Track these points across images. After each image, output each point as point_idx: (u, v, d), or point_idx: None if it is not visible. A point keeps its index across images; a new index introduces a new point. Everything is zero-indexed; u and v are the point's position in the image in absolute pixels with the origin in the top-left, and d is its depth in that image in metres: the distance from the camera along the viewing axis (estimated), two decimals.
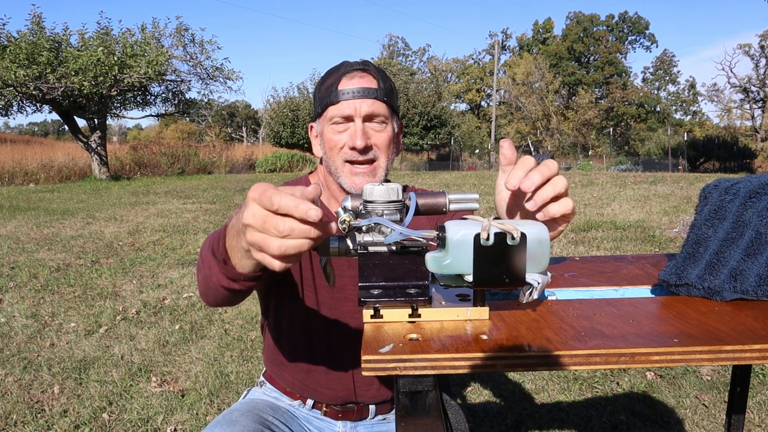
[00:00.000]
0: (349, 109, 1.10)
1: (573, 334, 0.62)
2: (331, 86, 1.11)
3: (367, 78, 1.11)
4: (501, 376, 2.69)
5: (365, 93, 1.09)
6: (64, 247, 5.89)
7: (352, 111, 1.10)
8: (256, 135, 45.84)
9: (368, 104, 1.10)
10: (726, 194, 0.78)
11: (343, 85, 1.10)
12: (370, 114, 1.10)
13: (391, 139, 1.14)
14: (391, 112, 1.14)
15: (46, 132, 60.71)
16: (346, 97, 1.09)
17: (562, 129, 36.69)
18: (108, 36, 15.28)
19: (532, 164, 0.70)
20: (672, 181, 11.57)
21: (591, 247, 5.48)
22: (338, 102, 1.10)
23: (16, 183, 15.27)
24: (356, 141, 1.09)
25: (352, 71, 1.11)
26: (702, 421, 2.27)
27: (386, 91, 1.12)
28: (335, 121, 1.11)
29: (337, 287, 1.19)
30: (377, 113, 1.11)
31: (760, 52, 35.63)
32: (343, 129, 1.12)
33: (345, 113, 1.10)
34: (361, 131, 1.10)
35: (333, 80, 1.11)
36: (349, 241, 0.72)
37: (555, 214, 0.69)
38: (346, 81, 1.10)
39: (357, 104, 1.09)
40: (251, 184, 10.21)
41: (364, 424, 1.29)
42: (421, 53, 48.52)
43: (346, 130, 1.11)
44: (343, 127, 1.12)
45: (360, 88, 1.09)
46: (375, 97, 1.10)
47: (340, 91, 1.10)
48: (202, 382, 2.69)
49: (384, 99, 1.11)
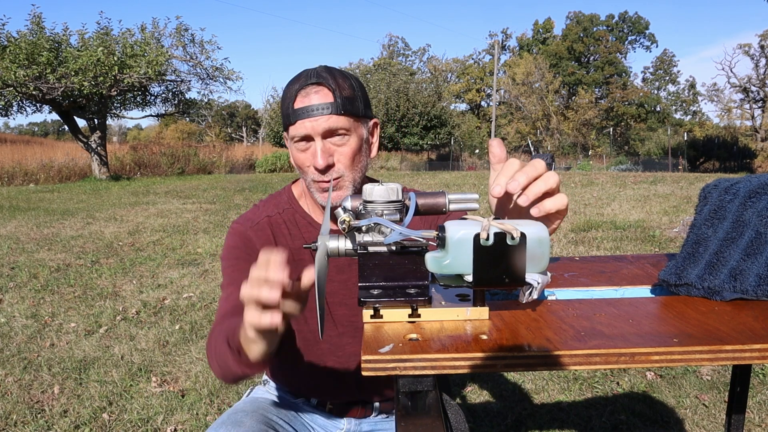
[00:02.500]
0: (305, 129, 1.06)
1: (573, 334, 0.62)
2: (288, 105, 1.08)
3: (323, 92, 1.06)
4: (501, 376, 2.69)
5: (321, 109, 1.05)
6: (64, 247, 5.89)
7: (309, 131, 1.06)
8: (256, 135, 45.83)
9: (324, 120, 1.05)
10: (726, 194, 0.78)
11: (299, 104, 1.06)
12: (327, 130, 1.06)
13: (355, 151, 1.10)
14: (353, 122, 1.09)
15: (46, 132, 60.72)
16: (303, 116, 1.06)
17: (562, 129, 36.69)
18: (108, 36, 15.27)
19: (516, 167, 0.70)
20: (672, 181, 11.57)
21: (591, 247, 5.48)
22: (295, 122, 1.07)
23: (16, 183, 15.27)
24: (317, 161, 1.07)
25: (306, 86, 1.06)
26: (702, 421, 2.27)
27: (345, 103, 1.06)
28: (296, 140, 1.09)
29: (329, 293, 1.19)
30: (336, 128, 1.06)
31: (760, 52, 35.63)
32: (305, 147, 1.09)
33: (302, 134, 1.07)
34: (321, 151, 1.07)
35: (289, 99, 1.08)
36: (348, 241, 0.72)
37: (550, 209, 0.70)
38: (300, 99, 1.06)
39: (314, 123, 1.05)
40: (251, 184, 10.16)
41: (368, 422, 1.30)
42: (421, 53, 48.54)
43: (308, 149, 1.09)
44: (305, 145, 1.09)
45: (316, 105, 1.05)
46: (331, 112, 1.05)
47: (296, 110, 1.06)
48: (202, 382, 2.69)
49: (341, 112, 1.06)
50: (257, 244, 1.17)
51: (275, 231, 1.18)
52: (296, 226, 1.19)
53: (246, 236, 1.18)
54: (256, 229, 1.18)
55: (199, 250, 5.63)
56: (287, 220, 1.20)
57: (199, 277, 4.64)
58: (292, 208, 1.21)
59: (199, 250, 5.67)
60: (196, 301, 3.96)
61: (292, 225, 1.20)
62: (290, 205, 1.21)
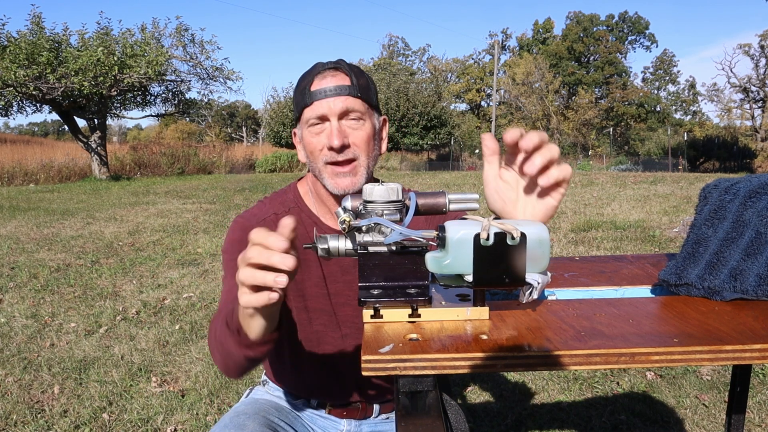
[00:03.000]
0: (322, 109, 1.07)
1: (573, 334, 0.62)
2: (304, 89, 1.09)
3: (339, 76, 1.09)
4: (501, 376, 2.69)
5: (338, 90, 1.07)
6: (64, 247, 5.89)
7: (326, 110, 1.07)
8: (256, 135, 45.85)
9: (341, 101, 1.07)
10: (726, 194, 0.78)
11: (316, 86, 1.08)
12: (344, 111, 1.08)
13: (370, 136, 1.11)
14: (368, 109, 1.11)
15: (46, 132, 60.71)
16: (319, 97, 1.07)
17: (562, 129, 36.69)
18: (108, 36, 15.28)
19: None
20: (672, 181, 11.58)
21: (591, 247, 5.48)
22: (312, 103, 1.08)
23: (16, 183, 15.27)
24: (333, 140, 1.06)
25: (323, 71, 1.09)
26: (702, 421, 2.27)
27: (361, 88, 1.09)
28: (312, 123, 1.09)
29: (333, 293, 1.18)
30: (352, 109, 1.08)
31: (760, 52, 35.63)
32: (320, 130, 1.09)
33: (319, 113, 1.08)
34: (337, 130, 1.07)
35: (306, 83, 1.09)
36: (348, 240, 0.72)
37: (558, 177, 0.71)
38: (318, 81, 1.08)
39: (330, 102, 1.07)
40: (251, 184, 10.14)
41: (368, 423, 1.30)
42: (421, 53, 48.54)
43: (323, 131, 1.09)
44: (320, 128, 1.09)
45: (332, 87, 1.07)
46: (348, 93, 1.07)
47: (312, 92, 1.08)
48: (202, 382, 2.69)
49: (358, 95, 1.08)
50: None
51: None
52: (302, 225, 1.18)
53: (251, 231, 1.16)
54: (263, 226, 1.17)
55: (199, 250, 5.63)
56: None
57: (199, 277, 4.64)
58: (298, 207, 1.20)
59: (199, 250, 5.67)
60: (196, 301, 3.96)
61: (298, 224, 1.19)
62: (296, 204, 1.20)
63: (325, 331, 1.20)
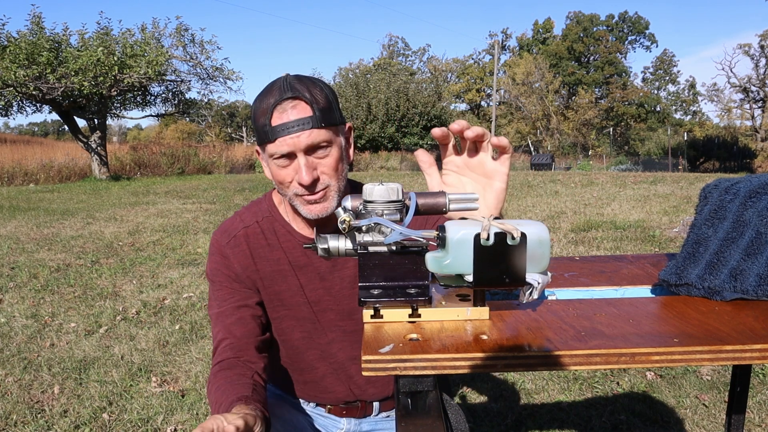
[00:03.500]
0: (287, 147, 1.02)
1: (573, 334, 0.62)
2: (264, 123, 1.03)
3: (300, 106, 1.02)
4: (501, 376, 2.69)
5: (301, 125, 1.01)
6: (64, 247, 5.89)
7: (291, 148, 1.02)
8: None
9: (306, 136, 1.02)
10: (726, 194, 0.78)
11: (276, 121, 1.02)
12: (310, 146, 1.03)
13: (338, 159, 1.07)
14: (332, 133, 1.06)
15: (46, 132, 60.70)
16: (282, 134, 1.01)
17: (562, 129, 36.69)
18: (108, 36, 15.27)
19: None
20: (672, 181, 11.58)
21: (591, 247, 5.48)
22: (275, 140, 1.02)
23: (16, 183, 15.27)
24: (302, 178, 1.03)
25: (283, 101, 1.02)
26: (702, 421, 2.27)
27: (323, 114, 1.03)
28: (276, 157, 1.05)
29: (313, 300, 1.19)
30: (317, 142, 1.03)
31: (760, 52, 35.63)
32: (287, 164, 1.05)
33: (284, 151, 1.03)
34: (305, 167, 1.03)
35: (265, 116, 1.03)
36: (348, 240, 0.72)
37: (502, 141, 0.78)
38: (278, 116, 1.02)
39: (295, 140, 1.02)
40: (251, 184, 10.13)
41: (368, 421, 1.30)
42: (421, 53, 48.54)
43: (290, 165, 1.05)
44: (286, 162, 1.05)
45: (294, 121, 1.01)
46: (312, 126, 1.02)
47: (274, 128, 1.02)
48: (202, 382, 2.69)
49: (322, 125, 1.03)
50: (235, 263, 1.16)
51: (252, 243, 1.17)
52: (275, 235, 1.18)
53: (224, 255, 1.17)
54: (233, 245, 1.17)
55: (199, 250, 5.63)
56: (266, 229, 1.18)
57: (199, 277, 4.64)
58: (271, 216, 1.19)
59: (199, 250, 5.67)
60: (196, 301, 3.96)
61: (271, 234, 1.18)
62: (270, 213, 1.19)
63: (310, 338, 1.21)
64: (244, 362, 1.10)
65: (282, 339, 1.22)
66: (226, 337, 1.12)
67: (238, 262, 1.16)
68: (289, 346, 1.22)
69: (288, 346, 1.22)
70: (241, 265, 1.16)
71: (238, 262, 1.16)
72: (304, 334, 1.21)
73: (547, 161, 21.52)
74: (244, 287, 1.17)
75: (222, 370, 1.07)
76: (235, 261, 1.16)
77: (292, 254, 1.16)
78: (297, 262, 1.17)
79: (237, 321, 1.14)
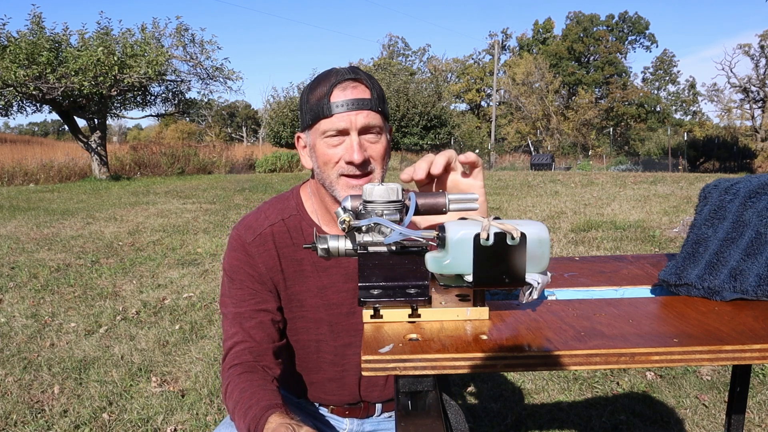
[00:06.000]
0: (344, 123, 1.04)
1: (573, 334, 0.62)
2: (322, 98, 1.05)
3: (360, 88, 1.06)
4: (501, 376, 2.69)
5: (360, 105, 1.04)
6: (64, 247, 5.89)
7: (347, 124, 1.04)
8: (256, 135, 45.82)
9: (363, 116, 1.04)
10: (726, 194, 0.78)
11: (336, 97, 1.04)
12: (365, 126, 1.05)
13: (386, 149, 1.10)
14: (384, 121, 1.10)
15: (46, 132, 60.68)
16: (340, 110, 1.03)
17: (562, 129, 36.68)
18: (108, 36, 15.26)
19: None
20: (672, 181, 11.57)
21: (591, 247, 5.48)
22: (332, 115, 1.04)
23: (16, 183, 15.26)
24: (353, 156, 1.04)
25: (343, 81, 1.05)
26: (702, 421, 2.27)
27: (379, 101, 1.07)
28: (329, 135, 1.06)
29: (335, 303, 1.17)
30: (373, 125, 1.06)
31: (760, 52, 35.62)
32: (338, 142, 1.06)
33: (340, 127, 1.04)
34: (358, 145, 1.05)
35: (324, 91, 1.05)
36: (348, 241, 0.72)
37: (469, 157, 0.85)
38: (338, 92, 1.04)
39: (352, 117, 1.04)
40: (251, 184, 10.14)
41: (371, 422, 1.30)
42: (421, 53, 48.53)
43: (341, 144, 1.06)
44: (338, 140, 1.06)
45: (354, 100, 1.04)
46: (370, 108, 1.05)
47: (333, 103, 1.04)
48: (202, 382, 2.69)
49: (378, 109, 1.06)
50: (260, 263, 1.14)
51: (278, 243, 1.15)
52: (301, 234, 1.16)
53: (248, 253, 1.14)
54: (258, 244, 1.14)
55: (199, 250, 5.63)
56: (292, 228, 1.16)
57: (199, 277, 4.64)
58: (299, 215, 1.17)
59: (199, 250, 5.67)
60: (196, 301, 3.96)
61: (297, 233, 1.16)
62: (297, 211, 1.18)
63: (324, 340, 1.20)
64: (262, 367, 1.09)
65: (294, 339, 1.21)
66: (245, 340, 1.11)
67: (263, 261, 1.14)
68: (300, 346, 1.21)
69: (299, 346, 1.21)
70: (266, 266, 1.14)
71: (263, 261, 1.14)
72: (318, 336, 1.19)
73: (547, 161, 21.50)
74: (266, 289, 1.15)
75: (245, 372, 1.06)
76: (260, 261, 1.14)
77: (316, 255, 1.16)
78: (321, 263, 1.15)
79: (257, 325, 1.12)
